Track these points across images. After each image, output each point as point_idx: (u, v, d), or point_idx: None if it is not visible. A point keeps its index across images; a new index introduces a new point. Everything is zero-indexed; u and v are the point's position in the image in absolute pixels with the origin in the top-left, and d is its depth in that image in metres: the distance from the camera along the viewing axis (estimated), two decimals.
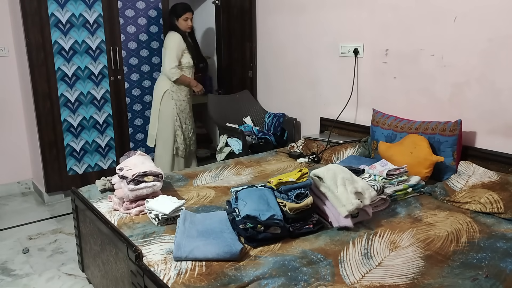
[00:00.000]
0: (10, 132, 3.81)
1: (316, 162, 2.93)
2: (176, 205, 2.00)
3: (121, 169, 2.22)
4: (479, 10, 2.41)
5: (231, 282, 1.53)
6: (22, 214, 3.44)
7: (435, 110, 2.70)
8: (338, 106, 3.27)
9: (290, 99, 3.78)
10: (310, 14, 3.44)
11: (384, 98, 3.00)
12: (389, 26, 2.89)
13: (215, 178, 2.66)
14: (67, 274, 2.57)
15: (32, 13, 3.24)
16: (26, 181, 3.96)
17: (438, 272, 1.59)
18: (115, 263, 1.92)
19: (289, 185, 1.93)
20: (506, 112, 2.38)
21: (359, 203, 1.89)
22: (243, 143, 3.44)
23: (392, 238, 1.85)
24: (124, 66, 3.70)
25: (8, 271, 2.62)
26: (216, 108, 3.84)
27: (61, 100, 3.48)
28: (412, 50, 2.78)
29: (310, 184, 1.96)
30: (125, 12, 3.63)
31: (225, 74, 4.26)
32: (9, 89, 3.73)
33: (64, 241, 2.96)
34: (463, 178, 2.33)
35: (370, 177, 2.27)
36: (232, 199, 2.04)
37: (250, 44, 4.04)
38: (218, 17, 4.15)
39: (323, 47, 3.38)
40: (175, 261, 1.66)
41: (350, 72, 3.18)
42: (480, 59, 2.45)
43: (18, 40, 3.49)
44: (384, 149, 2.65)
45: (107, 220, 1.99)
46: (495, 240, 1.81)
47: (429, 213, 2.09)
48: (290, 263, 1.64)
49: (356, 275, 1.58)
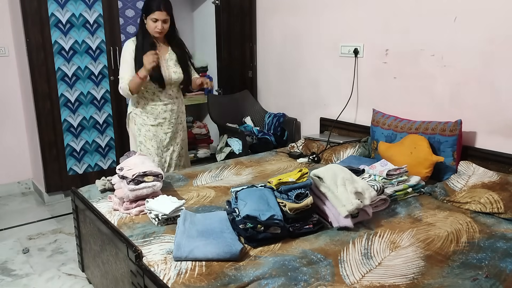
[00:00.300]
0: (10, 132, 3.81)
1: (316, 162, 2.93)
2: (176, 205, 2.00)
3: (121, 169, 2.22)
4: (479, 10, 2.41)
5: (231, 282, 1.53)
6: (22, 214, 3.44)
7: (435, 110, 2.70)
8: (338, 106, 3.27)
9: (290, 99, 3.78)
10: (310, 14, 3.44)
11: (384, 98, 3.00)
12: (389, 26, 2.89)
13: (215, 178, 2.66)
14: (67, 274, 2.57)
15: (32, 13, 3.24)
16: (26, 181, 3.96)
17: (438, 272, 1.59)
18: (115, 263, 1.92)
19: (289, 185, 1.93)
20: (506, 112, 2.38)
21: (359, 203, 1.89)
22: (243, 143, 3.44)
23: (392, 238, 1.85)
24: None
25: (8, 271, 2.61)
26: (216, 108, 3.84)
27: (61, 100, 3.48)
28: (412, 50, 2.78)
29: (310, 184, 1.96)
30: (125, 12, 3.63)
31: (225, 74, 4.26)
32: (9, 89, 3.73)
33: (64, 241, 2.96)
34: (463, 178, 2.33)
35: (370, 177, 2.27)
36: (232, 199, 2.04)
37: (250, 44, 4.04)
38: (218, 17, 4.15)
39: (323, 47, 3.38)
40: (175, 261, 1.66)
41: (350, 72, 3.18)
42: (480, 59, 2.45)
43: (18, 40, 3.49)
44: (384, 149, 2.65)
45: (107, 220, 1.99)
46: (495, 240, 1.81)
47: (429, 213, 2.09)
48: (290, 263, 1.64)
49: (356, 275, 1.58)
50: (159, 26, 2.71)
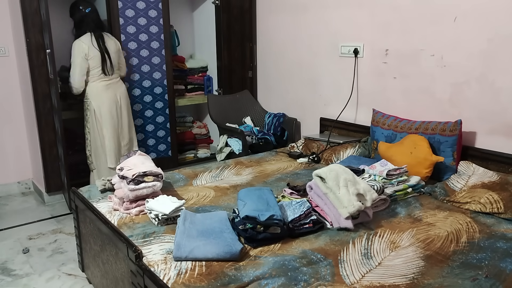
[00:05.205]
0: (10, 132, 3.81)
1: (316, 162, 2.93)
2: (176, 205, 2.00)
3: (121, 169, 2.22)
4: (479, 10, 2.41)
5: (231, 282, 1.53)
6: (22, 214, 3.44)
7: (435, 110, 2.70)
8: (338, 106, 3.27)
9: (290, 99, 3.78)
10: (310, 14, 3.44)
11: (384, 98, 3.00)
12: (389, 26, 2.89)
13: (215, 178, 2.66)
14: (67, 274, 2.57)
15: (32, 13, 3.24)
16: (26, 181, 3.96)
17: (438, 272, 1.59)
18: (115, 263, 1.92)
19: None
20: (506, 112, 2.38)
21: (361, 205, 1.89)
22: (243, 143, 3.44)
23: (392, 238, 1.85)
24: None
25: (8, 271, 2.62)
26: (216, 108, 3.84)
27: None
28: (412, 50, 2.78)
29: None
30: (125, 12, 3.63)
31: (225, 74, 4.26)
32: (9, 89, 3.73)
33: (64, 241, 2.96)
34: (463, 178, 2.33)
35: (370, 177, 2.27)
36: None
37: (250, 44, 4.04)
38: (218, 17, 4.15)
39: (323, 47, 3.38)
40: (175, 261, 1.66)
41: (350, 72, 3.18)
42: (480, 59, 2.45)
43: (18, 40, 3.49)
44: (384, 149, 2.65)
45: (107, 220, 1.99)
46: (495, 240, 1.81)
47: (429, 213, 2.10)
48: (290, 263, 1.64)
49: (356, 275, 1.58)
50: None
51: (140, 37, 3.74)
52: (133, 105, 3.81)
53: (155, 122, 3.94)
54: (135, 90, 3.81)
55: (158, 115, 3.94)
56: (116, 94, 3.38)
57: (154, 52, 3.83)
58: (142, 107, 3.87)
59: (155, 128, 3.95)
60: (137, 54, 3.75)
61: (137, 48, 3.74)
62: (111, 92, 3.35)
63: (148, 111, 3.89)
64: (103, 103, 3.32)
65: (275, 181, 2.59)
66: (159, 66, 3.85)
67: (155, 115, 3.92)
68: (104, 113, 3.32)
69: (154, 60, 3.84)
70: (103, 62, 3.28)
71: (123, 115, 3.44)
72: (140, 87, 3.83)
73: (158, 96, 3.90)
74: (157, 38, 3.81)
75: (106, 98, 3.32)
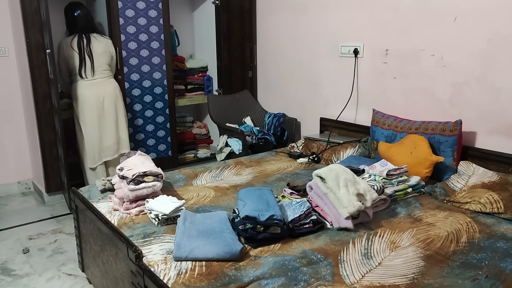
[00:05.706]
0: (10, 132, 3.81)
1: (316, 162, 2.93)
2: (176, 205, 2.00)
3: (121, 169, 2.22)
4: (479, 10, 2.41)
5: (231, 282, 1.53)
6: (22, 214, 3.44)
7: (435, 110, 2.70)
8: (338, 106, 3.27)
9: (290, 99, 3.78)
10: (310, 14, 3.44)
11: (384, 98, 3.00)
12: (389, 26, 2.89)
13: (215, 178, 2.66)
14: (67, 274, 2.57)
15: (32, 13, 3.24)
16: (26, 181, 3.96)
17: (438, 272, 1.59)
18: (115, 263, 1.92)
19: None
20: (506, 112, 2.38)
21: (361, 205, 1.89)
22: (243, 143, 3.44)
23: (392, 238, 1.85)
24: (124, 66, 3.70)
25: (8, 271, 2.62)
26: (216, 108, 3.84)
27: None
28: (412, 50, 2.78)
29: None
30: (125, 12, 3.63)
31: (225, 74, 4.26)
32: (9, 89, 3.73)
33: (64, 241, 2.96)
34: (463, 178, 2.33)
35: (370, 177, 2.27)
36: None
37: (250, 44, 4.04)
38: (218, 17, 4.15)
39: (323, 47, 3.38)
40: (175, 261, 1.66)
41: (350, 72, 3.18)
42: (480, 59, 2.45)
43: (18, 40, 3.49)
44: (384, 149, 2.65)
45: (107, 220, 1.99)
46: (495, 240, 1.81)
47: (429, 213, 2.10)
48: (290, 263, 1.64)
49: (356, 275, 1.58)
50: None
51: (140, 37, 3.74)
52: (133, 105, 3.82)
53: (155, 122, 3.94)
54: (135, 90, 3.81)
55: (158, 115, 3.94)
56: (99, 94, 3.38)
57: (154, 52, 3.83)
58: (142, 107, 3.87)
59: (155, 128, 3.95)
60: (137, 54, 3.75)
61: (137, 48, 3.74)
62: (93, 92, 3.36)
63: (148, 111, 3.89)
64: (83, 102, 3.35)
65: (275, 181, 2.59)
66: (159, 66, 3.85)
67: (155, 115, 3.92)
68: (82, 112, 3.36)
69: (154, 60, 3.84)
70: (80, 63, 3.32)
71: (106, 115, 3.43)
72: (140, 87, 3.83)
73: (158, 96, 3.90)
74: (157, 38, 3.81)
75: (86, 97, 3.35)
